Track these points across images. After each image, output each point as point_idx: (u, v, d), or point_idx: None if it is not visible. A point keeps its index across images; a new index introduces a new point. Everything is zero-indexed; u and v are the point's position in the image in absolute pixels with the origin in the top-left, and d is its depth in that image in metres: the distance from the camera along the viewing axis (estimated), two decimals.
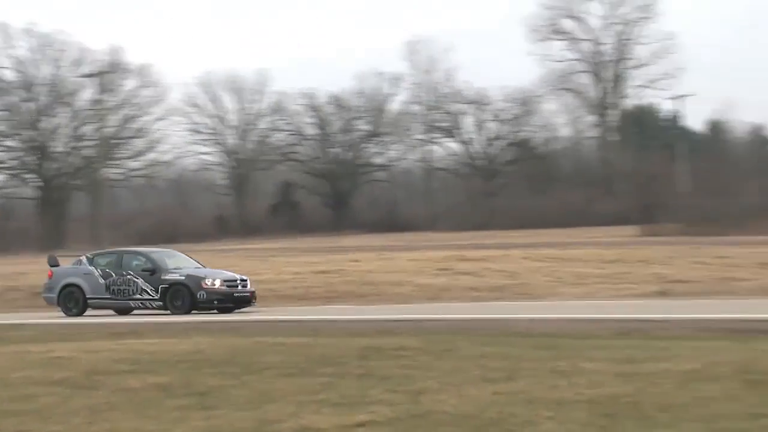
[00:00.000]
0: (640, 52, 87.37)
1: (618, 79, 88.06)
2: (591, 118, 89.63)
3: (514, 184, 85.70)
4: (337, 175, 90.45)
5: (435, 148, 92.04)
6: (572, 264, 37.50)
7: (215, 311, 27.06)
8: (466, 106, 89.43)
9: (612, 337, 15.74)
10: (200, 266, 29.08)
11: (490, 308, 25.21)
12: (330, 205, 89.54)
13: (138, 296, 27.81)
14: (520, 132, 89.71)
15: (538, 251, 44.10)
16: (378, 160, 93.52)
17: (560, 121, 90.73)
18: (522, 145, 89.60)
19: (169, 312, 27.01)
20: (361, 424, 9.14)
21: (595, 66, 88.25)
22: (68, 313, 28.18)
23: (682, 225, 59.55)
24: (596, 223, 67.67)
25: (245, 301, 27.79)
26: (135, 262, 28.32)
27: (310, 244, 61.28)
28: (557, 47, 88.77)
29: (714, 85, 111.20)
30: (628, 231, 61.34)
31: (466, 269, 37.57)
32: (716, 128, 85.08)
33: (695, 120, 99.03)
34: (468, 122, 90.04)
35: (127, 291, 27.92)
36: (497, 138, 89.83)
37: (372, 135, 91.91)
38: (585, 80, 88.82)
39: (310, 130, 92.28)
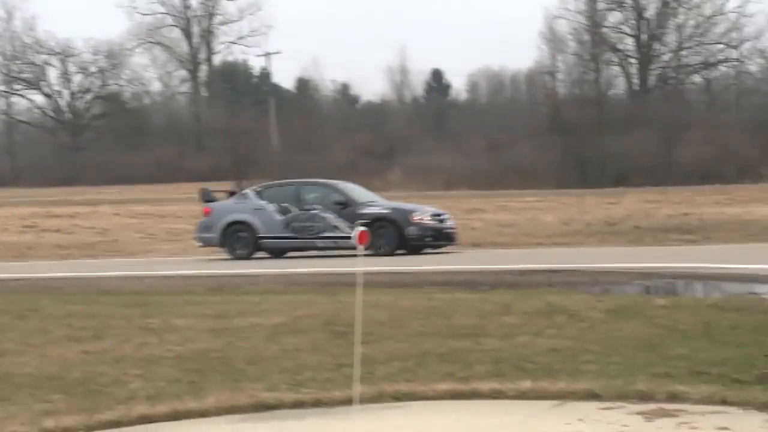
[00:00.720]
0: (228, 8, 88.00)
1: (207, 35, 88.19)
2: (182, 73, 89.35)
3: (104, 139, 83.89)
4: None
5: (18, 100, 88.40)
6: (165, 220, 37.39)
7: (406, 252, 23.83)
8: (50, 57, 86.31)
9: (205, 294, 15.79)
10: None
11: (79, 266, 24.62)
12: None
13: (328, 234, 24.11)
14: (109, 85, 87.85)
15: (129, 207, 43.67)
16: None
17: (151, 75, 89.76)
18: (111, 99, 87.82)
19: (371, 252, 22.32)
20: None
21: (184, 21, 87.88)
22: (234, 255, 24.51)
23: (272, 181, 60.69)
24: (189, 179, 67.52)
25: (451, 238, 24.91)
26: (315, 195, 24.89)
27: None
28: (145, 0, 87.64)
29: (302, 44, 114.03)
30: (221, 187, 61.68)
31: (54, 226, 36.58)
32: (304, 86, 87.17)
33: (285, 77, 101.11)
34: (53, 74, 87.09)
35: (313, 228, 24.25)
36: (85, 91, 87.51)
37: None
38: (175, 35, 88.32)
39: None
